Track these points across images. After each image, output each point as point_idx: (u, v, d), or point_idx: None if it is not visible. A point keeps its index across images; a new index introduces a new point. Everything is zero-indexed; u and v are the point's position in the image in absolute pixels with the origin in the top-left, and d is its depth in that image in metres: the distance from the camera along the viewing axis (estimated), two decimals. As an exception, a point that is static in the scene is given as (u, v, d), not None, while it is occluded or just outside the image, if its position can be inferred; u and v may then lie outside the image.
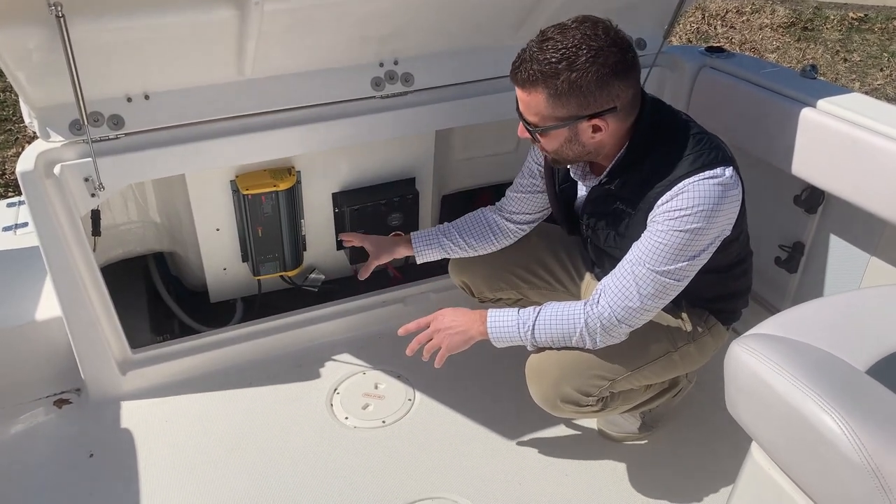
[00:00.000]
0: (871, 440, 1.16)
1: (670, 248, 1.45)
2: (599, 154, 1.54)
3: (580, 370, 1.60)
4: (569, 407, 1.63)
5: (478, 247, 1.87)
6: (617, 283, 1.51)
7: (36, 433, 1.98)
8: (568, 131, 1.46)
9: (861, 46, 5.54)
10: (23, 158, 1.71)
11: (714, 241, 1.48)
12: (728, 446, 1.88)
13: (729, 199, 1.44)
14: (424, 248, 1.90)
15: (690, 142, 1.47)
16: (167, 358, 2.11)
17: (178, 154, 1.83)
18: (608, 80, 1.38)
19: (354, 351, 2.25)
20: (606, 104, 1.42)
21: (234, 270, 2.36)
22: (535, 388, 1.65)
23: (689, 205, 1.42)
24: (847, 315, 1.49)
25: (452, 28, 1.94)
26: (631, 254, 1.51)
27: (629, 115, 1.48)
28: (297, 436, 1.96)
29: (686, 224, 1.43)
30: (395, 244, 1.92)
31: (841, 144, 1.79)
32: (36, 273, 2.14)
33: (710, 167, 1.43)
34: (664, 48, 2.17)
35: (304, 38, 1.77)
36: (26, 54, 1.52)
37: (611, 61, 1.37)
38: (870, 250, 1.95)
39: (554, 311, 1.57)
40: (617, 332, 1.53)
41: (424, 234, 1.90)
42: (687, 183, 1.43)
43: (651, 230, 1.47)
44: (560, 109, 1.42)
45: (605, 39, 1.37)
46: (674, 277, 1.48)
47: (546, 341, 1.59)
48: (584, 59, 1.35)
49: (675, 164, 1.45)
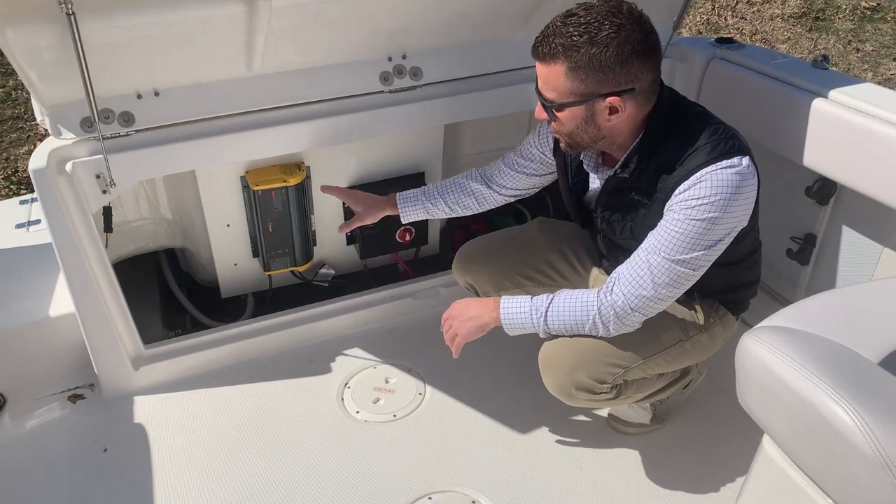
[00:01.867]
0: (884, 432, 1.16)
1: (687, 236, 1.44)
2: (615, 142, 1.54)
3: (594, 357, 1.60)
4: (583, 395, 1.63)
5: (460, 211, 1.92)
6: (631, 272, 1.50)
7: (51, 428, 2.00)
8: (585, 110, 1.45)
9: (874, 36, 5.48)
10: (35, 156, 1.72)
11: (731, 232, 1.48)
12: (740, 439, 1.88)
13: (746, 188, 1.44)
14: (409, 210, 1.92)
15: (707, 131, 1.47)
16: (179, 353, 2.12)
17: (189, 150, 1.84)
18: (628, 58, 1.38)
19: (365, 345, 2.26)
20: (625, 84, 1.41)
21: (245, 266, 2.37)
22: (550, 377, 1.64)
23: (707, 193, 1.42)
24: (859, 307, 1.48)
25: (461, 22, 1.94)
26: (647, 242, 1.50)
27: (647, 100, 1.47)
28: (309, 430, 1.97)
29: (703, 213, 1.42)
30: (380, 205, 1.94)
31: (853, 135, 1.78)
32: (49, 270, 2.16)
33: (728, 156, 1.43)
34: (674, 39, 2.16)
35: (313, 34, 1.77)
36: (37, 52, 1.53)
37: (632, 39, 1.37)
38: (882, 241, 1.94)
39: (567, 298, 1.56)
40: (630, 321, 1.53)
41: (409, 196, 1.92)
42: (705, 172, 1.42)
43: (668, 219, 1.47)
44: (579, 84, 1.41)
45: (628, 18, 1.37)
46: (689, 267, 1.47)
47: (559, 328, 1.58)
48: (605, 35, 1.36)
49: (691, 154, 1.45)
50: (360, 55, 1.93)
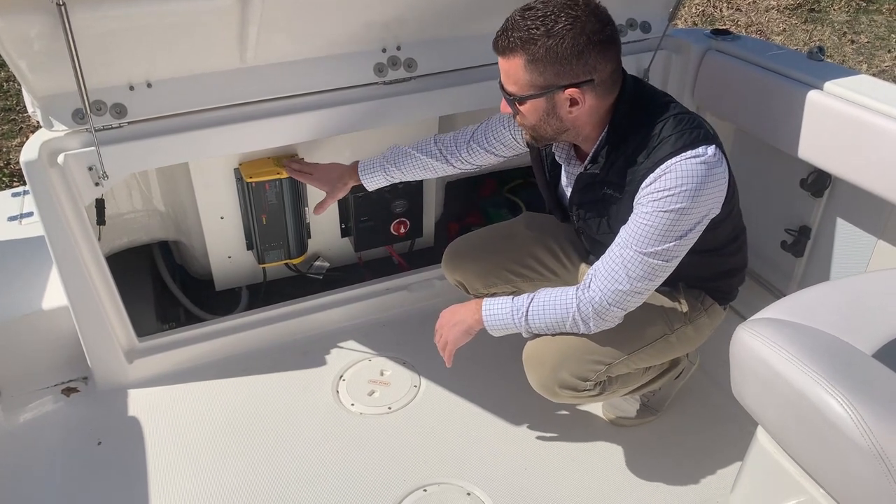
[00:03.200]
0: (878, 423, 1.16)
1: (656, 229, 1.44)
2: (580, 134, 1.54)
3: (577, 355, 1.60)
4: (567, 392, 1.64)
5: (417, 178, 1.96)
6: (606, 267, 1.51)
7: (44, 421, 1.99)
8: (545, 102, 1.46)
9: (869, 28, 5.48)
10: (26, 148, 1.71)
11: (702, 221, 1.48)
12: (734, 430, 1.88)
13: (713, 177, 1.44)
14: (370, 180, 1.95)
15: (672, 121, 1.46)
16: (173, 346, 2.12)
17: (182, 142, 1.83)
18: (584, 49, 1.38)
19: (360, 338, 2.25)
20: (583, 75, 1.41)
21: (239, 258, 2.36)
22: (533, 376, 1.66)
23: (673, 185, 1.42)
24: (853, 299, 1.49)
25: (455, 13, 1.93)
26: (619, 237, 1.51)
27: (608, 91, 1.47)
28: (304, 423, 1.97)
29: (671, 204, 1.42)
30: (344, 179, 1.97)
31: (848, 127, 1.78)
32: (41, 263, 2.14)
33: (693, 146, 1.43)
34: (669, 31, 2.16)
35: (307, 25, 1.76)
36: (28, 43, 1.52)
37: (587, 30, 1.37)
38: (877, 234, 1.94)
39: (547, 297, 1.58)
40: (610, 316, 1.54)
41: (369, 166, 1.94)
42: (670, 164, 1.43)
43: (637, 212, 1.47)
44: (537, 77, 1.42)
45: (584, 9, 1.37)
46: (662, 258, 1.47)
47: (540, 327, 1.59)
48: (561, 27, 1.36)
49: (657, 146, 1.45)
50: (354, 46, 1.91)
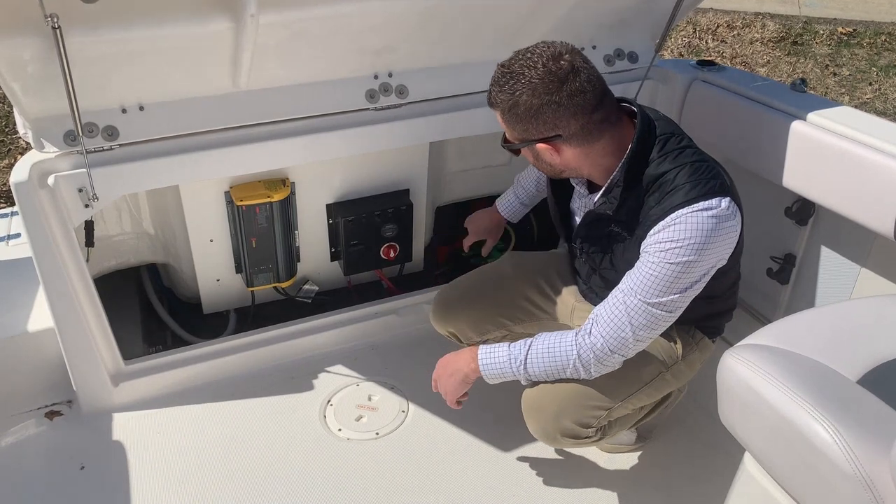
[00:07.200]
0: (863, 449, 1.17)
1: (661, 280, 1.42)
2: (579, 173, 1.54)
3: (578, 402, 1.58)
4: (569, 441, 1.63)
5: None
6: (609, 314, 1.48)
7: (27, 445, 1.96)
8: (530, 151, 1.51)
9: (850, 61, 5.60)
10: (16, 169, 1.70)
11: (708, 272, 1.46)
12: (721, 456, 1.88)
13: (724, 230, 1.41)
14: (514, 215, 2.06)
15: (688, 169, 1.43)
16: (160, 369, 2.10)
17: (173, 165, 1.83)
18: (539, 111, 1.40)
19: (348, 362, 2.25)
20: (547, 132, 1.43)
21: (228, 282, 2.35)
22: (534, 424, 1.64)
23: (681, 237, 1.39)
24: (838, 326, 1.50)
25: (446, 41, 1.95)
26: (623, 283, 1.49)
27: (585, 141, 1.45)
28: (291, 448, 1.95)
29: (677, 257, 1.40)
30: (495, 224, 2.07)
31: (831, 157, 1.81)
32: (28, 284, 2.13)
33: (706, 198, 1.40)
34: (656, 62, 2.19)
35: (300, 51, 1.78)
36: (22, 65, 1.52)
37: (541, 92, 1.38)
38: (860, 261, 1.97)
39: (545, 343, 1.54)
40: (610, 362, 1.52)
41: (506, 204, 2.05)
42: (681, 214, 1.40)
43: (643, 260, 1.45)
44: (513, 132, 1.49)
45: (543, 69, 1.37)
46: (665, 309, 1.46)
47: (539, 375, 1.56)
48: (519, 91, 1.40)
49: (670, 192, 1.42)
50: (346, 72, 1.93)
